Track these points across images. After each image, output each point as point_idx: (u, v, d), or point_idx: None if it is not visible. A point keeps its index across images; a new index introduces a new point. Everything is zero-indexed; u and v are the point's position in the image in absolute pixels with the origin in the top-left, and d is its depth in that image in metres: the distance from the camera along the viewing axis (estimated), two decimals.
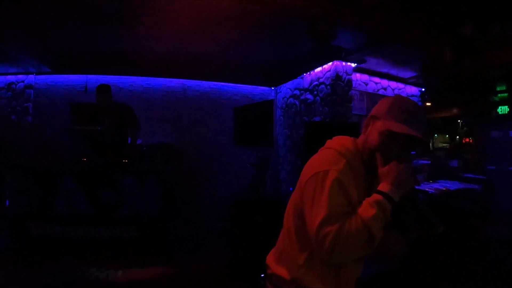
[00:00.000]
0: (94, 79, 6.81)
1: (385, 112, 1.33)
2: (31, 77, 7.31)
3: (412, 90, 7.13)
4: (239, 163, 6.27)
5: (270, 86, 6.52)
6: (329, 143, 1.44)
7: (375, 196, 1.23)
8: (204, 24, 4.52)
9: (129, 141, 5.04)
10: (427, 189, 4.86)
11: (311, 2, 3.96)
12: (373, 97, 6.50)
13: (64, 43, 5.68)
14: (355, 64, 5.71)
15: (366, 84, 6.53)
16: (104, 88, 4.82)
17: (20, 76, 7.38)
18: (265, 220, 3.92)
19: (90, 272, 3.62)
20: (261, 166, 4.82)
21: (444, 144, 10.43)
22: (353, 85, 5.90)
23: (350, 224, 1.16)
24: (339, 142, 1.40)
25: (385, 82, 6.75)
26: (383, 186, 1.25)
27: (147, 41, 5.24)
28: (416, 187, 4.90)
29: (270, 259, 1.53)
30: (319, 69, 5.84)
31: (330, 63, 5.60)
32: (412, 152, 1.49)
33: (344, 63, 5.59)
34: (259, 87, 6.43)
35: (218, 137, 6.55)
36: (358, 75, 6.29)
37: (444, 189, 4.93)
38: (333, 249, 1.13)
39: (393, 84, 6.88)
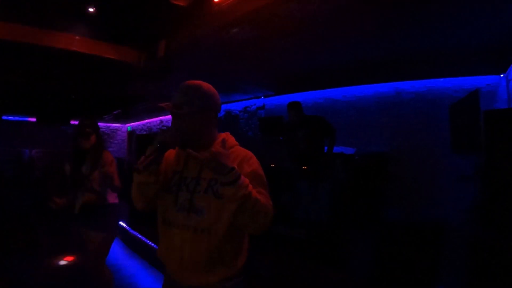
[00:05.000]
0: (312, 94, 7.38)
1: None
2: (261, 100, 8.52)
3: None
4: (456, 175, 5.10)
5: (498, 73, 5.18)
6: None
7: None
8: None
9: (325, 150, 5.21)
10: None
11: None
12: None
13: (282, 70, 6.31)
14: None
15: None
16: (292, 105, 5.17)
17: (253, 100, 8.70)
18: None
19: None
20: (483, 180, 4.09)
21: None
22: None
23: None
24: None
25: None
26: None
27: (349, 51, 5.17)
28: None
29: None
30: None
31: None
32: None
33: None
34: (484, 76, 5.26)
35: (434, 144, 5.66)
36: None
37: None
38: None
39: None
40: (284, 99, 7.96)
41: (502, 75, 5.15)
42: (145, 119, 13.10)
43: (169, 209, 1.55)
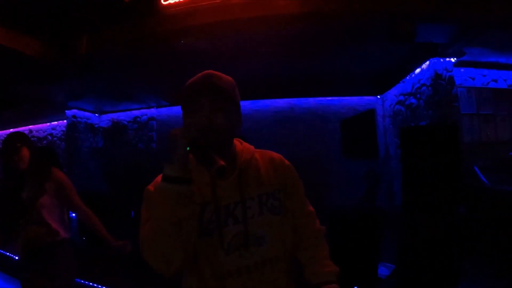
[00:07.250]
0: None
1: None
2: (153, 110, 8.33)
3: None
4: (349, 176, 6.15)
5: (375, 95, 6.42)
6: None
7: None
8: (302, 44, 4.80)
9: None
10: None
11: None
12: (483, 92, 6.12)
13: (177, 81, 6.33)
14: (455, 59, 5.32)
15: (473, 79, 6.11)
16: None
17: (144, 110, 8.44)
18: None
19: None
20: (372, 179, 5.02)
21: None
22: (458, 82, 5.53)
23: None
24: None
25: (494, 73, 6.24)
26: None
27: (249, 67, 5.65)
28: None
29: None
30: (418, 70, 5.55)
31: (427, 62, 5.29)
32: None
33: (442, 59, 5.25)
34: (364, 97, 6.34)
35: (326, 152, 6.56)
36: (462, 69, 5.93)
37: None
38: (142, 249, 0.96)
39: (506, 73, 6.28)
40: (178, 110, 7.93)
41: (379, 96, 6.22)
42: (11, 128, 11.36)
43: (215, 257, 1.07)
